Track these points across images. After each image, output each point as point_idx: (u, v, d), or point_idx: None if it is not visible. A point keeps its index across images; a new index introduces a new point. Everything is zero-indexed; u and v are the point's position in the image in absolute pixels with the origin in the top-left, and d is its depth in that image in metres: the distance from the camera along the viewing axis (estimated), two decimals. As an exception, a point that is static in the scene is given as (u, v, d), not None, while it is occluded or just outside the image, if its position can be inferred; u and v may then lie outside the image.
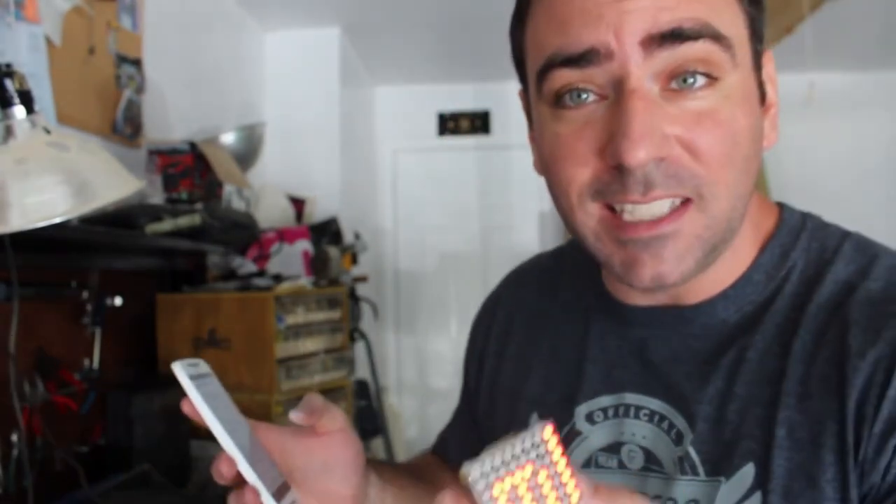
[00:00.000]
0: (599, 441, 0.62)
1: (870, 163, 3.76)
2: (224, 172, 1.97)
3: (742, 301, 0.58)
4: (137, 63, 1.88)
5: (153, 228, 1.56)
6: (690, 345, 0.59)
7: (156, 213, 1.60)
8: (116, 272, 1.62)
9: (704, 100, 0.50)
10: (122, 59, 1.81)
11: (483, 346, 0.79)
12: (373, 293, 3.17)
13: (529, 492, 0.30)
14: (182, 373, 0.52)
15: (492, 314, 0.80)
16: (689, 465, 0.55)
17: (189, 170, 1.86)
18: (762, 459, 0.52)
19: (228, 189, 2.01)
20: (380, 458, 0.72)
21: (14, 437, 1.23)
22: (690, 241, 0.52)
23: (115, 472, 1.42)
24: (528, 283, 0.79)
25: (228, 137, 2.25)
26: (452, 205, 4.01)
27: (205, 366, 0.55)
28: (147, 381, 1.67)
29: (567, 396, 0.65)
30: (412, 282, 4.04)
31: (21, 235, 0.82)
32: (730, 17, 0.51)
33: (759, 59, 0.56)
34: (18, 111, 0.84)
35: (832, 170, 3.69)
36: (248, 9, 2.76)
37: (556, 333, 0.70)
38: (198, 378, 0.53)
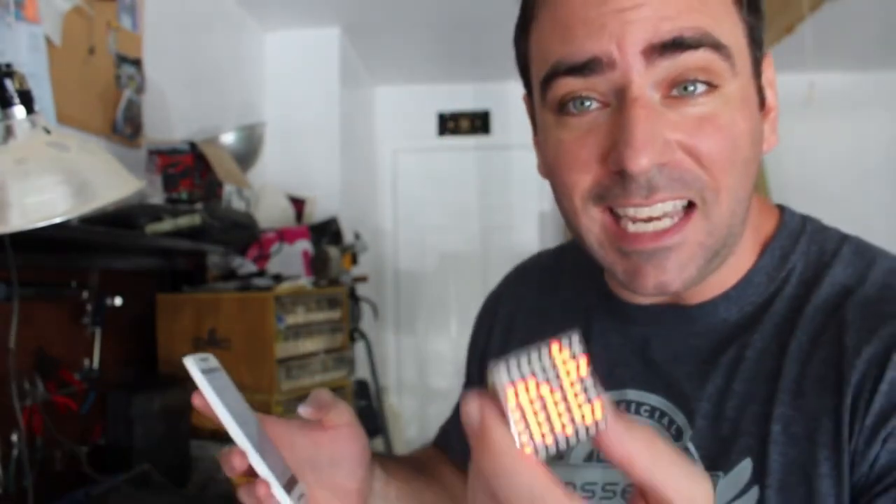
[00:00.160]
0: None
1: (870, 163, 3.76)
2: (224, 172, 1.97)
3: (743, 302, 0.59)
4: (137, 63, 1.88)
5: (153, 228, 1.56)
6: (691, 343, 0.60)
7: (156, 213, 1.60)
8: (116, 272, 1.62)
9: (705, 105, 0.51)
10: (122, 59, 1.81)
11: (485, 344, 0.80)
12: (373, 293, 3.17)
13: (554, 402, 0.30)
14: (194, 366, 0.52)
15: (493, 312, 0.80)
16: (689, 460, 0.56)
17: (189, 170, 1.86)
18: (759, 455, 0.53)
19: (228, 189, 2.01)
20: (382, 452, 0.74)
21: (14, 437, 1.23)
22: (693, 250, 0.53)
23: (115, 472, 1.42)
24: (530, 282, 0.79)
25: (228, 137, 2.25)
26: (452, 205, 4.01)
27: (214, 360, 0.56)
28: (147, 381, 1.67)
29: None
30: (412, 282, 4.04)
31: (21, 235, 0.82)
32: (729, 27, 0.52)
33: (759, 66, 0.56)
34: (18, 111, 0.84)
35: (832, 170, 3.69)
36: (248, 9, 2.76)
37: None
38: (208, 372, 0.54)
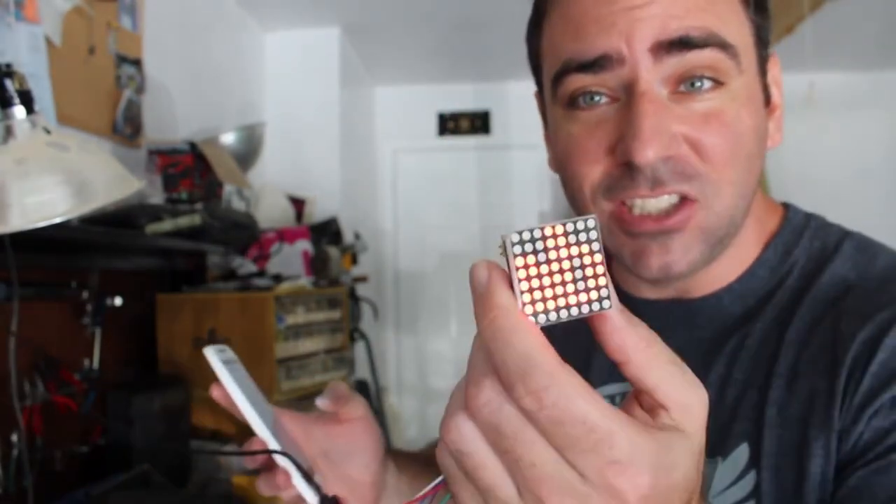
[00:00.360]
0: None
1: (870, 163, 3.76)
2: (224, 172, 1.97)
3: (746, 295, 0.60)
4: (137, 63, 1.88)
5: (153, 228, 1.56)
6: (696, 335, 0.61)
7: (156, 213, 1.60)
8: (116, 272, 1.62)
9: (711, 101, 0.53)
10: (122, 59, 1.81)
11: None
12: (373, 293, 3.17)
13: (562, 275, 0.30)
14: (214, 357, 0.53)
15: None
16: None
17: (189, 170, 1.85)
18: (755, 439, 0.54)
19: (228, 189, 2.01)
20: (395, 447, 0.75)
21: (14, 437, 1.23)
22: (696, 234, 0.54)
23: (115, 472, 1.42)
24: None
25: (228, 137, 2.25)
26: (452, 205, 4.01)
27: (231, 352, 0.57)
28: (147, 381, 1.67)
29: None
30: (412, 282, 4.04)
31: (21, 235, 0.82)
32: (736, 26, 0.53)
33: (765, 64, 0.58)
34: (18, 111, 0.84)
35: (832, 170, 3.69)
36: (248, 9, 2.76)
37: (566, 326, 0.72)
38: (227, 363, 0.55)
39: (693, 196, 0.53)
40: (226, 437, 1.68)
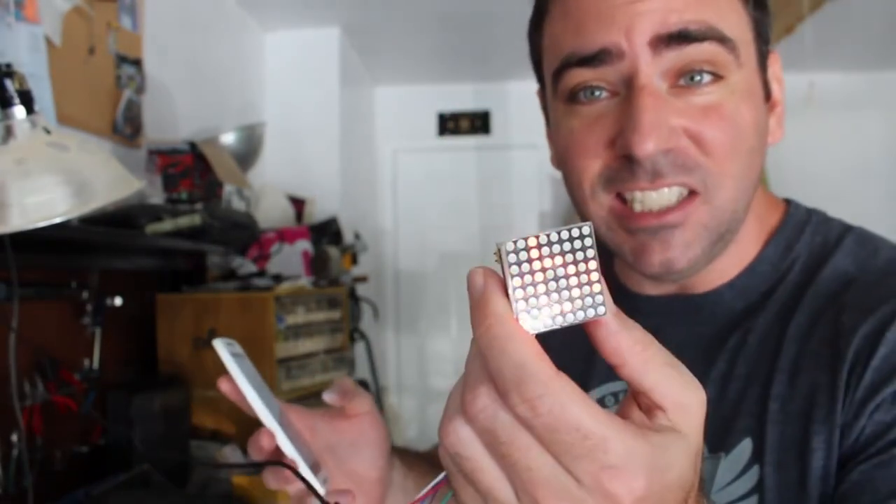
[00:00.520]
0: None
1: (869, 162, 3.76)
2: (224, 172, 1.97)
3: (748, 290, 0.60)
4: (137, 63, 1.88)
5: (153, 228, 1.56)
6: (698, 331, 0.61)
7: (156, 213, 1.60)
8: (116, 272, 1.62)
9: (710, 95, 0.53)
10: (122, 59, 1.81)
11: None
12: (373, 293, 3.17)
13: (556, 282, 0.31)
14: (224, 350, 0.53)
15: None
16: None
17: (189, 170, 1.85)
18: (758, 434, 0.54)
19: (228, 189, 2.01)
20: (402, 446, 0.74)
21: (14, 437, 1.23)
22: (697, 230, 0.55)
23: (115, 472, 1.42)
24: None
25: (228, 137, 2.25)
26: (452, 205, 4.01)
27: (239, 347, 0.57)
28: (147, 381, 1.67)
29: (579, 382, 0.66)
30: (412, 282, 4.04)
31: (21, 235, 0.82)
32: (735, 20, 0.54)
33: (765, 60, 0.58)
34: (18, 111, 0.84)
35: (832, 170, 3.69)
36: (248, 9, 2.76)
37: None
38: (235, 357, 0.55)
39: (694, 187, 0.54)
40: (226, 437, 1.68)
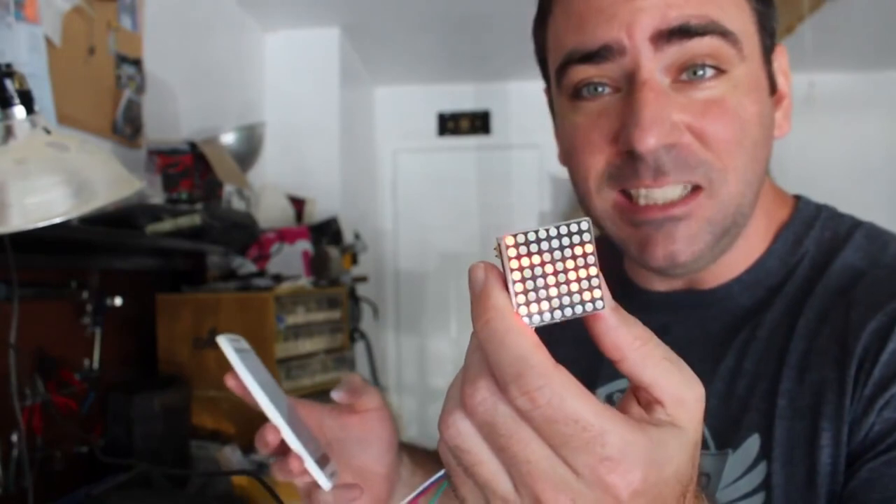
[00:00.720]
0: None
1: (870, 163, 3.76)
2: (224, 172, 1.97)
3: (756, 285, 0.60)
4: (137, 63, 1.88)
5: (153, 228, 1.56)
6: (707, 327, 0.61)
7: (156, 213, 1.60)
8: (116, 272, 1.62)
9: (712, 89, 0.53)
10: (122, 59, 1.81)
11: None
12: (373, 293, 3.17)
13: (556, 277, 0.31)
14: (227, 346, 0.53)
15: None
16: (701, 440, 0.57)
17: (189, 170, 1.85)
18: (766, 430, 0.53)
19: (228, 189, 2.01)
20: (411, 442, 0.75)
21: (14, 437, 1.23)
22: (701, 224, 0.55)
23: (115, 472, 1.42)
24: None
25: (228, 137, 2.25)
26: (452, 205, 4.01)
27: (245, 342, 0.57)
28: (147, 381, 1.67)
29: (588, 379, 0.67)
30: (412, 282, 4.04)
31: (21, 235, 0.82)
32: (737, 14, 0.54)
33: (770, 53, 0.58)
34: (18, 111, 0.84)
35: (832, 170, 3.69)
36: (248, 9, 2.76)
37: (579, 321, 0.73)
38: (240, 352, 0.55)
39: (698, 183, 0.54)
40: (226, 437, 1.68)
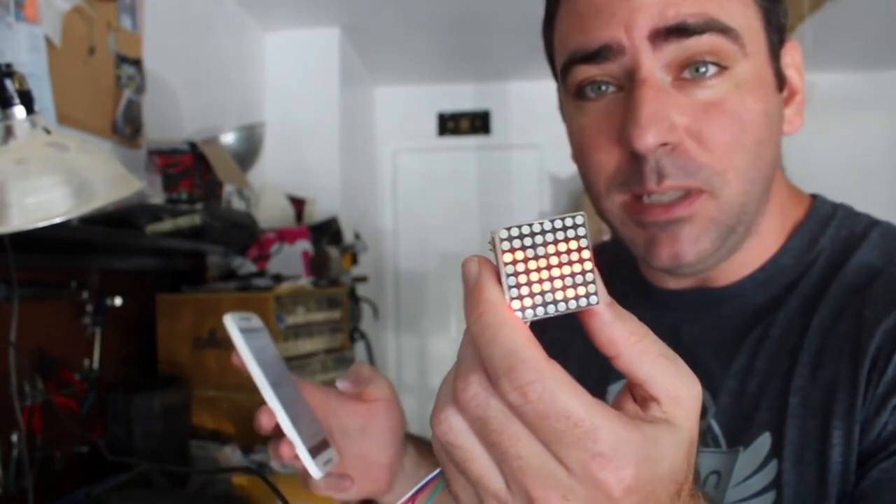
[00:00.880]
0: None
1: (870, 162, 3.76)
2: (224, 172, 1.97)
3: (770, 283, 0.60)
4: (137, 63, 1.88)
5: (153, 228, 1.56)
6: (719, 325, 0.61)
7: (156, 213, 1.60)
8: (116, 272, 1.62)
9: (713, 88, 0.53)
10: (122, 59, 1.81)
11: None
12: (373, 293, 3.17)
13: (550, 271, 0.31)
14: (232, 325, 0.53)
15: None
16: (712, 438, 0.57)
17: (189, 170, 1.85)
18: (777, 428, 0.53)
19: (228, 189, 2.01)
20: (419, 434, 0.76)
21: (14, 437, 1.23)
22: (705, 224, 0.54)
23: (115, 472, 1.42)
24: None
25: (228, 137, 2.25)
26: (452, 205, 4.01)
27: (257, 320, 0.57)
28: (147, 381, 1.67)
29: (601, 376, 0.67)
30: (412, 282, 4.04)
31: (21, 235, 0.82)
32: (739, 9, 0.53)
33: (777, 49, 0.57)
34: (18, 111, 0.84)
35: (832, 170, 3.69)
36: (248, 9, 2.76)
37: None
38: (248, 332, 0.55)
39: (699, 187, 0.53)
40: (226, 437, 1.68)
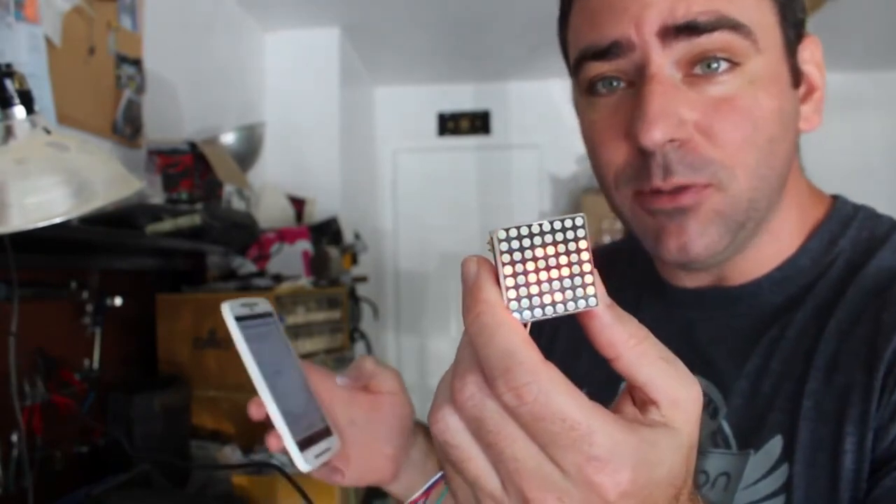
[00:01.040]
0: None
1: (870, 162, 3.76)
2: (224, 172, 1.97)
3: (786, 283, 0.59)
4: (137, 63, 1.88)
5: (153, 228, 1.56)
6: (734, 324, 0.60)
7: (156, 213, 1.60)
8: (116, 272, 1.62)
9: (725, 84, 0.52)
10: (122, 59, 1.81)
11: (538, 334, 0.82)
12: (373, 293, 3.17)
13: (548, 272, 0.30)
14: (228, 314, 0.51)
15: None
16: (722, 439, 0.57)
17: (189, 170, 1.85)
18: (789, 431, 0.52)
19: (228, 189, 2.01)
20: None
21: (14, 437, 1.23)
22: (711, 217, 0.54)
23: (115, 472, 1.42)
24: None
25: (228, 137, 2.25)
26: (452, 205, 4.01)
27: (264, 305, 0.55)
28: (147, 381, 1.67)
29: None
30: (412, 282, 4.04)
31: (21, 235, 0.82)
32: (752, 5, 0.53)
33: (794, 45, 0.57)
34: (18, 111, 0.84)
35: (832, 169, 3.67)
36: (248, 9, 2.76)
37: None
38: (248, 318, 0.53)
39: (705, 182, 0.53)
40: (226, 437, 1.68)
